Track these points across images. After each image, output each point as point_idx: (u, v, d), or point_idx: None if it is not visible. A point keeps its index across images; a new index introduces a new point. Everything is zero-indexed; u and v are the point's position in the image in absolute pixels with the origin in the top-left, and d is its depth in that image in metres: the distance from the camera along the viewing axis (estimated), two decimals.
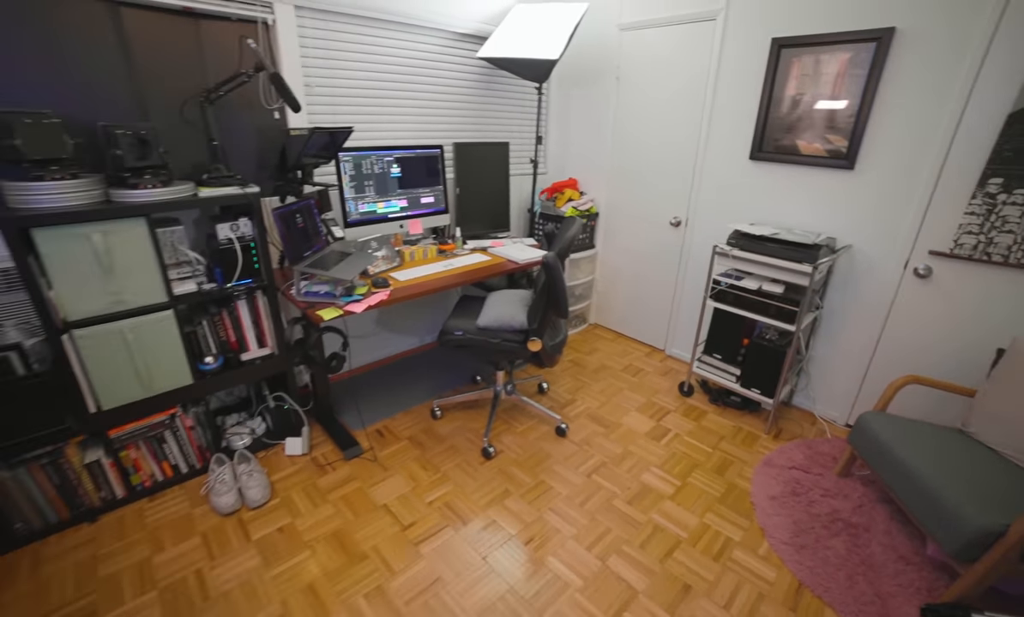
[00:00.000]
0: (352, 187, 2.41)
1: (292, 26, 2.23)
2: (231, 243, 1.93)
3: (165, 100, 2.03)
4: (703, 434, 2.53)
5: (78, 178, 1.66)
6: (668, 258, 3.19)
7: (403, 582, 1.70)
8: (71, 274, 1.67)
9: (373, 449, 2.36)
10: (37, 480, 1.82)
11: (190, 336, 1.99)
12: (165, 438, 2.06)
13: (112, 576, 1.71)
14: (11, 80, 1.72)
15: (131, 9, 1.89)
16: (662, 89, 2.96)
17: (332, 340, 2.77)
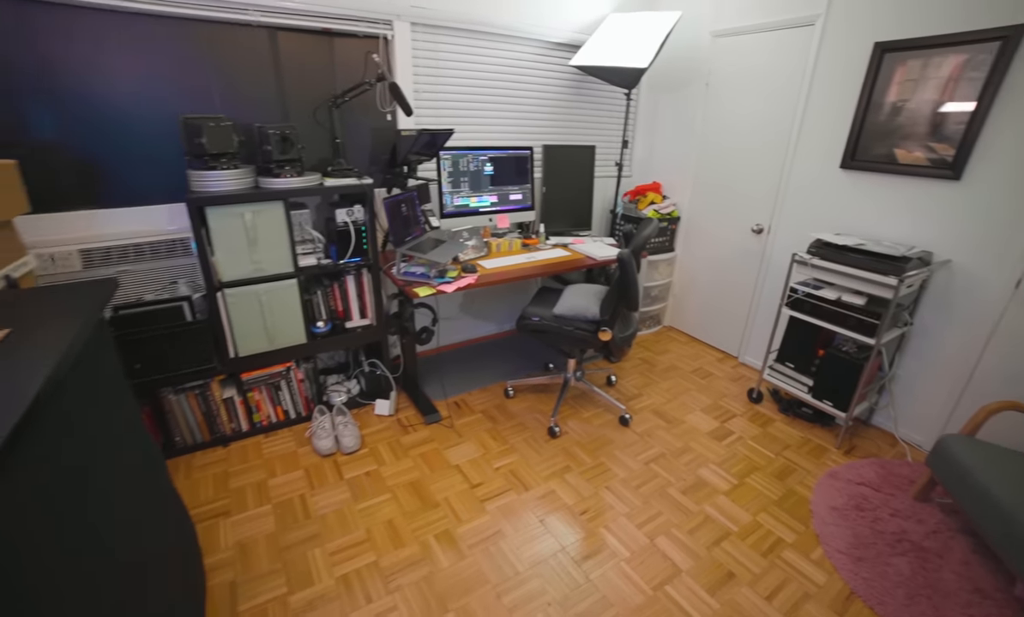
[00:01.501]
0: (449, 182, 2.71)
1: (407, 40, 2.57)
2: (346, 226, 2.30)
3: (302, 105, 2.45)
4: (767, 440, 2.54)
5: (238, 168, 2.10)
6: (748, 265, 3.17)
7: (468, 530, 1.95)
8: (227, 244, 2.10)
9: (451, 417, 2.65)
10: (191, 406, 2.30)
11: (307, 303, 2.39)
12: (281, 386, 2.49)
13: (239, 488, 2.13)
14: (201, 93, 2.21)
15: (284, 33, 2.32)
16: (752, 96, 2.96)
17: (423, 317, 3.12)
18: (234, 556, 1.81)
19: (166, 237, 2.26)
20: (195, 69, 2.18)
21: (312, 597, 1.67)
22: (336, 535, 1.91)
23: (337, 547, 1.86)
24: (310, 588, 1.70)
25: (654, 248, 3.47)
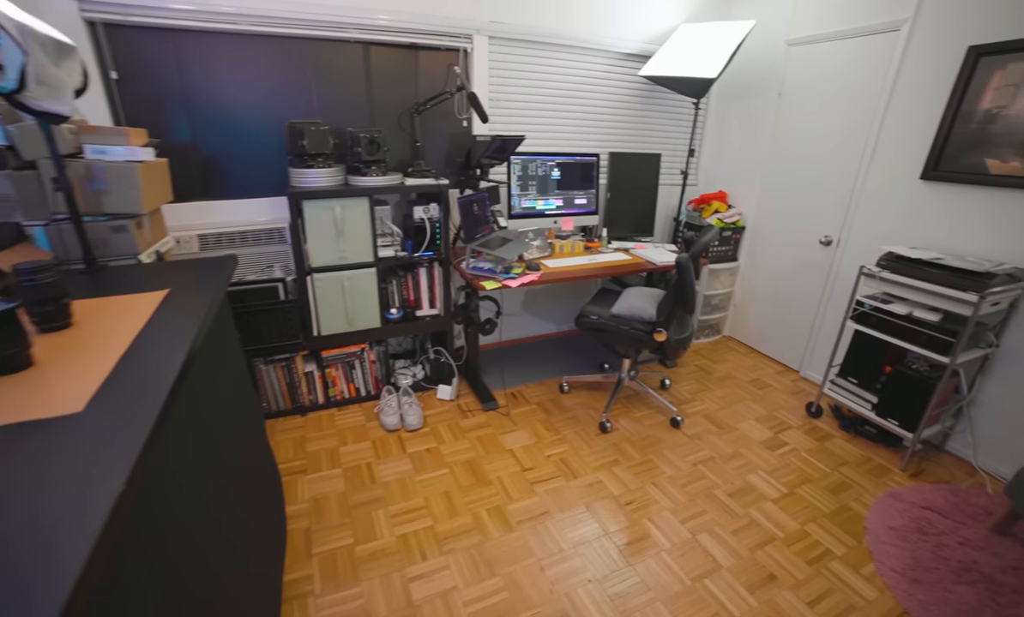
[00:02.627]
0: (518, 185, 2.88)
1: (485, 53, 2.77)
2: (422, 222, 2.53)
3: (388, 111, 2.71)
4: (824, 455, 2.49)
5: (331, 167, 2.37)
6: (814, 277, 3.09)
7: (518, 508, 2.09)
8: (319, 234, 2.38)
9: (507, 406, 2.81)
10: (278, 376, 2.61)
11: (383, 290, 2.63)
12: (355, 365, 2.75)
13: (314, 452, 2.40)
14: (302, 100, 2.52)
15: (376, 47, 2.59)
16: (826, 105, 2.90)
17: (487, 310, 3.30)
18: (310, 508, 2.06)
19: (265, 226, 2.59)
20: (298, 79, 2.50)
21: (375, 549, 1.87)
22: (397, 500, 2.12)
23: (398, 510, 2.06)
24: (373, 542, 1.91)
25: (716, 257, 3.46)
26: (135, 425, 0.72)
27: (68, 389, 0.81)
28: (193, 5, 2.19)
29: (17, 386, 0.83)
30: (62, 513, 0.56)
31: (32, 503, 0.58)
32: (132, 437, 0.69)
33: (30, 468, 0.63)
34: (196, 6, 2.19)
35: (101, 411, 0.75)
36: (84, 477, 0.62)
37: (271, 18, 2.32)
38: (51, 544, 0.52)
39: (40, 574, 0.48)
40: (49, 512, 0.56)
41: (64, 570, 0.49)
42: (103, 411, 0.75)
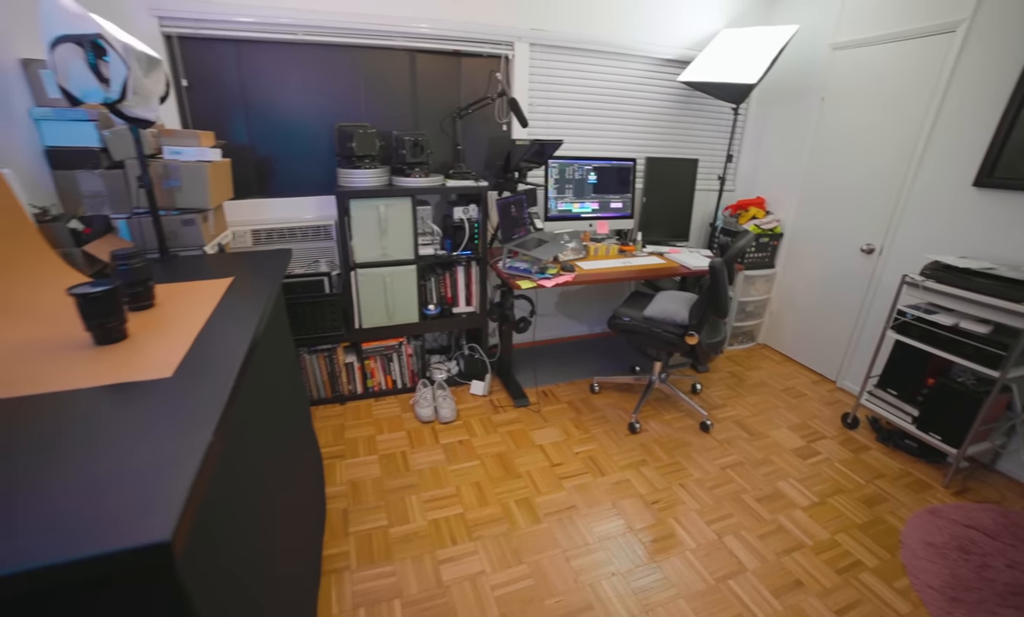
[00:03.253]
0: (555, 188, 2.95)
1: (526, 59, 2.86)
2: (461, 222, 2.63)
3: (431, 115, 2.83)
4: (858, 466, 2.44)
5: (377, 168, 2.50)
6: (854, 286, 3.02)
7: (545, 500, 2.16)
8: (363, 231, 2.51)
9: (538, 403, 2.87)
10: (320, 365, 2.76)
11: (422, 287, 2.75)
12: (392, 358, 2.88)
13: (352, 439, 2.53)
14: (351, 104, 2.67)
15: (422, 54, 2.72)
16: (872, 109, 2.84)
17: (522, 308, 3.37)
18: (347, 490, 2.18)
19: (312, 223, 2.75)
20: (348, 85, 2.65)
21: (407, 532, 1.97)
22: (430, 487, 2.22)
23: (430, 497, 2.16)
24: (406, 525, 2.01)
25: (753, 263, 3.42)
26: (216, 390, 0.83)
27: (158, 358, 0.94)
28: (254, 17, 2.36)
29: (117, 354, 0.96)
30: (167, 455, 0.67)
31: (143, 446, 0.69)
32: (214, 400, 0.80)
33: (137, 419, 0.75)
34: (257, 18, 2.37)
35: (187, 377, 0.87)
36: (180, 429, 0.72)
37: (325, 28, 2.48)
38: (163, 477, 0.63)
39: (157, 498, 0.59)
40: (157, 454, 0.67)
41: (175, 497, 0.59)
42: (188, 378, 0.87)
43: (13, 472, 0.64)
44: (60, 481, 0.62)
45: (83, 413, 0.77)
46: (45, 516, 0.56)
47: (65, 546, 0.52)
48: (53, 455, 0.67)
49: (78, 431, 0.72)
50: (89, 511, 0.57)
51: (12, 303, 1.06)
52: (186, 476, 0.62)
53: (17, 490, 0.61)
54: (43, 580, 0.50)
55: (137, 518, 0.56)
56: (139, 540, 0.53)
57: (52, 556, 0.51)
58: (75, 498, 0.59)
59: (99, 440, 0.70)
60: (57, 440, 0.70)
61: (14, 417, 0.76)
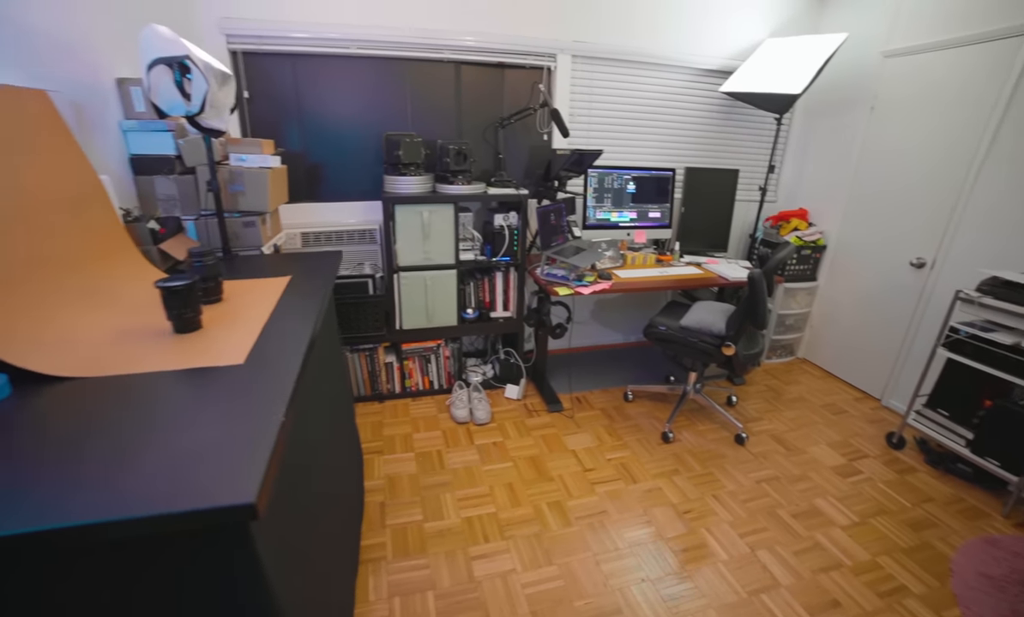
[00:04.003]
0: (594, 197, 2.99)
1: (568, 71, 2.92)
2: (501, 229, 2.70)
3: (474, 124, 2.93)
4: (904, 488, 2.35)
5: (422, 175, 2.61)
6: (903, 301, 2.92)
7: (577, 504, 2.18)
8: (407, 236, 2.62)
9: (571, 409, 2.90)
10: (361, 364, 2.87)
11: (461, 291, 2.83)
12: (430, 359, 2.97)
13: (390, 436, 2.62)
14: (398, 114, 2.79)
15: (467, 66, 2.81)
16: (926, 118, 2.75)
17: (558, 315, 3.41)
18: (384, 484, 2.27)
19: (358, 227, 2.87)
20: (395, 95, 2.77)
21: (442, 528, 2.04)
22: (464, 486, 2.28)
23: (464, 495, 2.22)
24: (440, 521, 2.08)
25: (794, 275, 3.35)
26: (283, 378, 0.91)
27: (230, 346, 1.03)
28: (310, 33, 2.51)
29: (193, 342, 1.06)
30: (246, 431, 0.75)
31: (224, 423, 0.78)
32: (282, 386, 0.88)
33: (216, 400, 0.84)
34: (312, 34, 2.52)
35: (257, 364, 0.96)
36: (255, 410, 0.81)
37: (375, 42, 2.61)
38: (244, 449, 0.71)
39: (241, 467, 0.67)
40: (237, 430, 0.76)
41: (256, 467, 0.67)
42: (258, 364, 0.96)
43: (119, 440, 0.73)
44: (158, 449, 0.71)
45: (170, 392, 0.87)
46: (147, 476, 0.65)
47: (166, 501, 0.61)
48: (150, 427, 0.76)
49: (168, 407, 0.82)
50: (185, 474, 0.66)
51: (105, 293, 1.18)
52: (264, 450, 0.70)
53: (122, 455, 0.70)
54: (149, 527, 0.59)
55: (226, 482, 0.64)
56: (230, 500, 0.60)
57: (157, 509, 0.59)
58: (173, 463, 0.68)
59: (187, 416, 0.80)
60: (151, 414, 0.80)
61: (112, 393, 0.86)
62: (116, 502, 0.61)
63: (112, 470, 0.67)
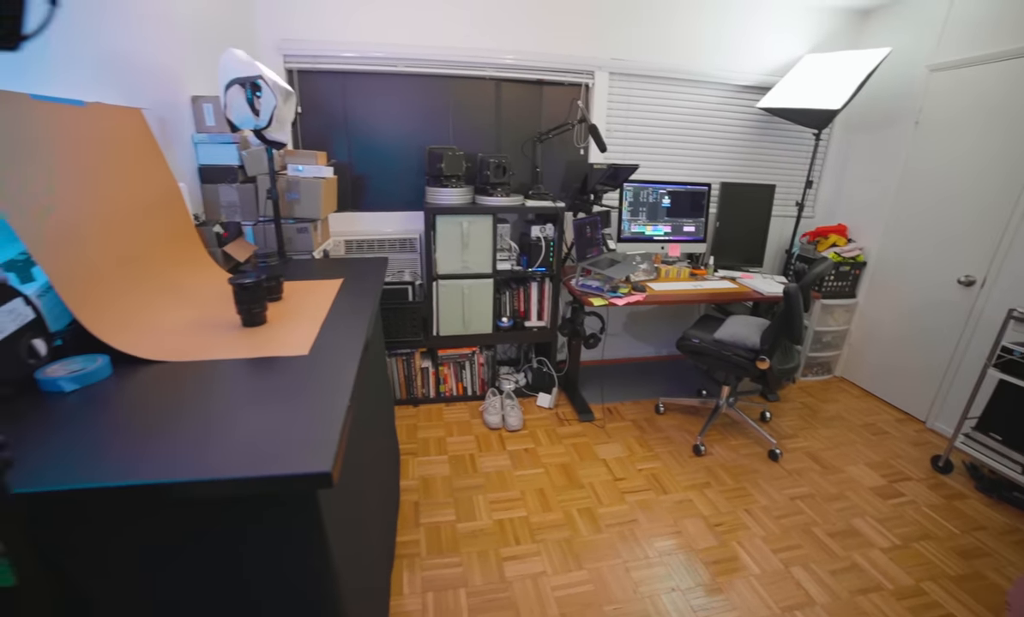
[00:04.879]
0: (629, 210, 3.04)
1: (605, 87, 2.99)
2: (538, 240, 2.77)
3: (513, 139, 3.02)
4: (952, 514, 2.27)
5: (462, 187, 2.71)
6: (950, 320, 2.84)
7: (607, 512, 2.20)
8: (447, 245, 2.71)
9: (603, 419, 2.93)
10: (398, 368, 2.97)
11: (496, 300, 2.90)
12: (465, 366, 3.04)
13: (424, 439, 2.70)
14: (440, 128, 2.91)
15: (507, 83, 2.92)
16: (975, 132, 2.68)
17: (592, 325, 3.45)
18: (419, 485, 2.34)
19: (399, 236, 3.00)
20: (438, 110, 2.89)
21: (474, 529, 2.09)
22: (496, 489, 2.33)
23: (496, 498, 2.27)
24: (473, 522, 2.13)
25: (832, 292, 3.30)
26: (345, 368, 1.00)
27: (294, 339, 1.13)
28: (360, 53, 2.67)
29: (260, 335, 1.16)
30: (317, 412, 0.84)
31: (297, 405, 0.86)
32: (345, 375, 0.97)
33: (288, 385, 0.93)
34: (360, 53, 2.67)
35: (320, 355, 1.05)
36: (323, 394, 0.90)
37: (420, 60, 2.74)
38: (317, 427, 0.80)
39: (316, 442, 0.76)
40: (310, 412, 0.84)
41: (329, 442, 0.76)
42: (322, 355, 1.05)
43: (206, 415, 0.83)
44: (241, 423, 0.80)
45: (245, 376, 0.96)
46: (235, 445, 0.74)
47: (253, 467, 0.69)
48: (231, 405, 0.86)
49: (245, 389, 0.91)
50: (267, 446, 0.74)
51: (180, 289, 1.30)
52: (335, 428, 0.78)
53: (210, 428, 0.79)
54: (239, 488, 0.67)
55: (305, 454, 0.72)
56: (310, 469, 0.68)
57: (248, 472, 0.68)
58: (254, 436, 0.77)
59: (262, 397, 0.89)
60: (231, 395, 0.89)
61: (194, 376, 0.96)
62: (210, 465, 0.69)
63: (203, 440, 0.76)
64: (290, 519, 0.76)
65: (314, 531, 0.78)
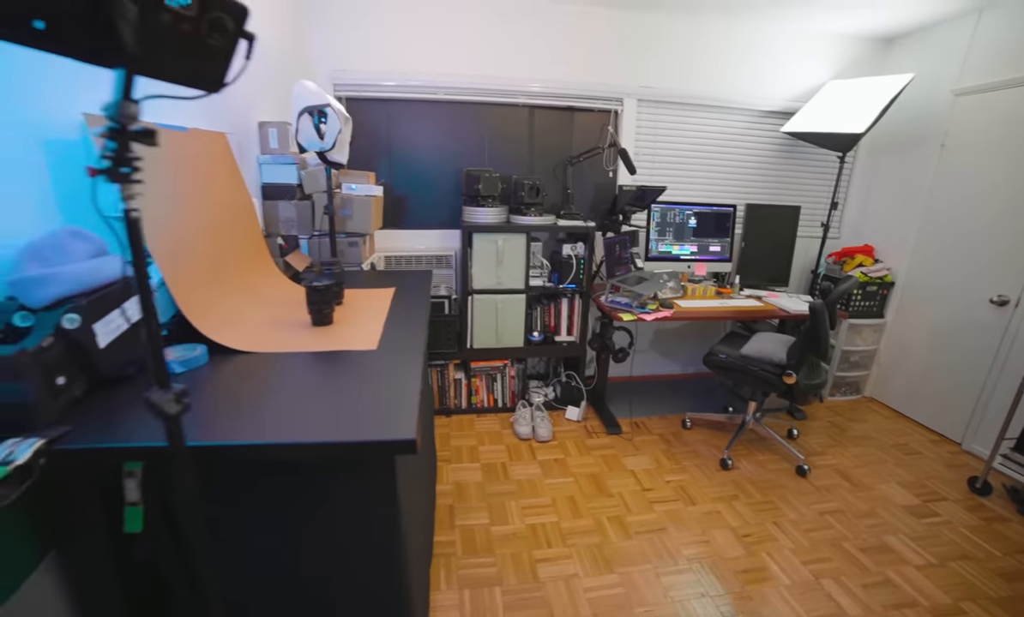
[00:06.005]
0: (656, 230, 3.14)
1: (633, 113, 3.13)
2: (569, 258, 2.89)
3: (545, 161, 3.17)
4: (992, 537, 2.24)
5: (497, 207, 2.85)
6: (984, 340, 2.83)
7: (636, 520, 2.26)
8: (482, 261, 2.85)
9: (630, 433, 2.99)
10: (433, 378, 3.09)
11: (528, 315, 3.02)
12: (496, 378, 3.15)
13: (457, 447, 2.80)
14: (475, 151, 3.08)
15: (539, 109, 3.08)
16: (1004, 153, 2.71)
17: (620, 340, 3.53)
18: (453, 489, 2.44)
19: (435, 253, 3.15)
20: (473, 134, 3.07)
21: (507, 532, 2.17)
22: (527, 496, 2.41)
23: (528, 504, 2.35)
24: (506, 526, 2.21)
25: (858, 311, 3.32)
26: (411, 360, 1.12)
27: (362, 336, 1.26)
28: (402, 81, 2.88)
29: (330, 333, 1.30)
30: (395, 395, 0.96)
31: (376, 388, 0.99)
32: (412, 366, 1.09)
33: (365, 373, 1.06)
34: (404, 82, 2.88)
35: (388, 350, 1.18)
36: (397, 381, 1.02)
37: (458, 89, 2.94)
38: (399, 405, 0.92)
39: (400, 416, 0.88)
40: (389, 394, 0.97)
41: (410, 417, 0.88)
42: (389, 350, 1.18)
43: (297, 394, 0.96)
44: (331, 402, 0.93)
45: (324, 365, 1.09)
46: (329, 415, 0.87)
47: (354, 433, 0.82)
48: (318, 388, 0.98)
49: (326, 375, 1.04)
50: (360, 419, 0.87)
51: (256, 292, 1.46)
52: (412, 407, 0.90)
53: (300, 405, 0.92)
54: (341, 451, 0.80)
55: (392, 425, 0.84)
56: (400, 436, 0.80)
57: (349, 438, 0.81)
58: (343, 411, 0.90)
59: (342, 382, 1.01)
60: (315, 379, 1.02)
61: (279, 364, 1.10)
62: (311, 433, 0.82)
63: (301, 413, 0.89)
64: (373, 478, 0.89)
65: (391, 488, 0.90)
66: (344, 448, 0.79)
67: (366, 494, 0.90)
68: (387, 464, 0.88)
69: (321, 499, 0.90)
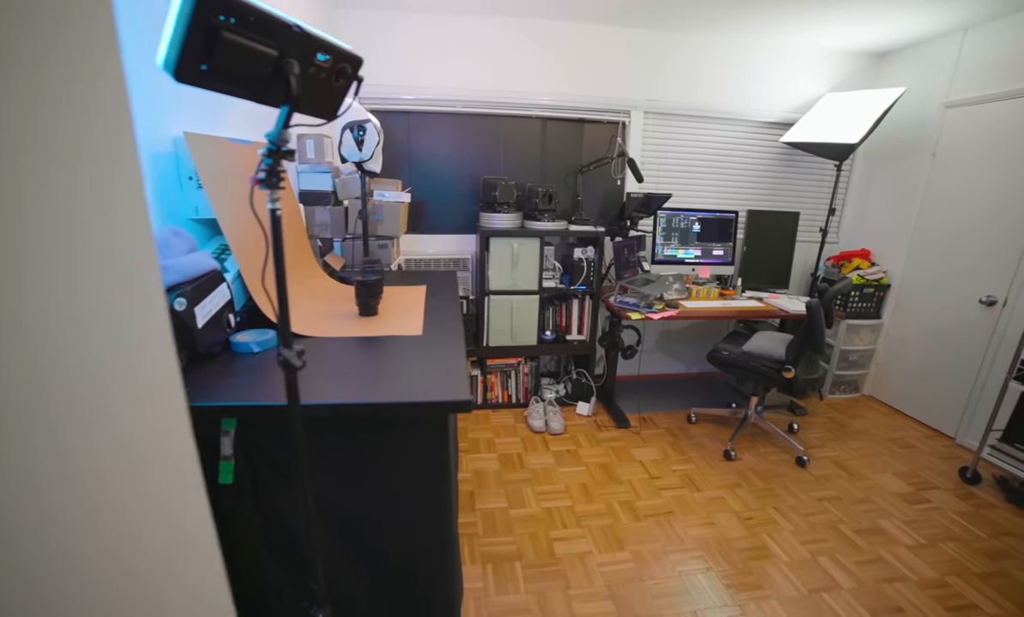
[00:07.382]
0: (662, 235, 3.31)
1: (640, 124, 3.31)
2: (580, 261, 3.07)
3: (557, 170, 3.35)
4: (979, 521, 2.38)
5: (512, 213, 3.03)
6: (974, 339, 2.98)
7: (645, 505, 2.41)
8: (498, 264, 3.03)
9: (638, 427, 3.14)
10: None
11: (541, 315, 3.18)
12: (511, 375, 3.31)
13: (474, 439, 2.96)
14: (491, 160, 3.27)
15: (551, 121, 3.27)
16: (991, 162, 2.87)
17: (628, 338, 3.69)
18: (472, 477, 2.60)
19: (452, 256, 3.33)
20: (489, 144, 3.26)
21: (524, 515, 2.33)
22: (542, 483, 2.57)
23: (543, 490, 2.51)
24: (523, 509, 2.37)
25: (856, 312, 3.47)
26: (454, 342, 1.30)
27: (408, 323, 1.43)
28: (422, 95, 3.08)
29: (378, 322, 1.47)
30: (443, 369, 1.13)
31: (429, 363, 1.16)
32: (456, 347, 1.26)
33: (416, 352, 1.23)
34: (424, 96, 3.08)
35: (432, 336, 1.35)
36: (445, 357, 1.19)
37: (475, 101, 3.13)
38: (452, 375, 1.09)
39: (456, 382, 1.05)
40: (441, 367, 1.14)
41: (463, 384, 1.05)
42: (433, 336, 1.35)
43: (365, 369, 1.13)
44: (391, 373, 1.10)
45: (379, 347, 1.26)
46: (398, 384, 1.04)
47: (423, 394, 0.99)
48: (380, 364, 1.16)
49: (383, 355, 1.21)
50: (420, 386, 1.04)
51: (306, 286, 1.63)
52: (462, 377, 1.08)
53: (371, 377, 1.09)
54: (410, 411, 0.97)
55: (449, 390, 1.02)
56: (458, 397, 0.98)
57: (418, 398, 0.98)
58: (406, 381, 1.07)
59: (398, 359, 1.19)
60: (375, 357, 1.19)
61: (339, 346, 1.27)
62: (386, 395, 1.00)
63: (371, 381, 1.06)
64: (430, 430, 1.07)
65: (443, 440, 1.07)
66: (419, 408, 0.97)
67: (425, 442, 1.07)
68: (442, 420, 1.05)
69: (389, 450, 1.07)
